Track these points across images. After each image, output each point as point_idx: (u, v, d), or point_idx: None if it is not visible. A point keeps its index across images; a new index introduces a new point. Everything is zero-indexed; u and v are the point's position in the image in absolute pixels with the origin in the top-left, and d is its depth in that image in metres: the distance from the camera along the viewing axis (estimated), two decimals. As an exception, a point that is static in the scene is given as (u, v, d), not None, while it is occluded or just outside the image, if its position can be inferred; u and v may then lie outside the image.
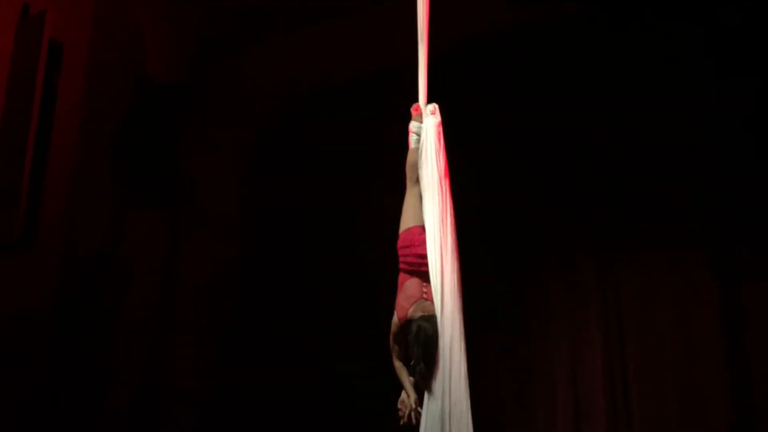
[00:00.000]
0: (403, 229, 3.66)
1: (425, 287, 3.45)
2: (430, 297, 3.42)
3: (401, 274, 3.59)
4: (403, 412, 3.40)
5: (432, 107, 3.77)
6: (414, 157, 3.73)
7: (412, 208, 3.67)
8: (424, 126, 3.74)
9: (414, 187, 3.69)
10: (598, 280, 6.02)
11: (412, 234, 3.59)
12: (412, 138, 3.79)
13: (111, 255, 5.89)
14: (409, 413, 3.37)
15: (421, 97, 3.80)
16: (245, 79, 7.14)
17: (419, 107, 3.80)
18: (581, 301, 6.04)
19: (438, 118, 3.74)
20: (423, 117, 3.76)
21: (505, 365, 6.01)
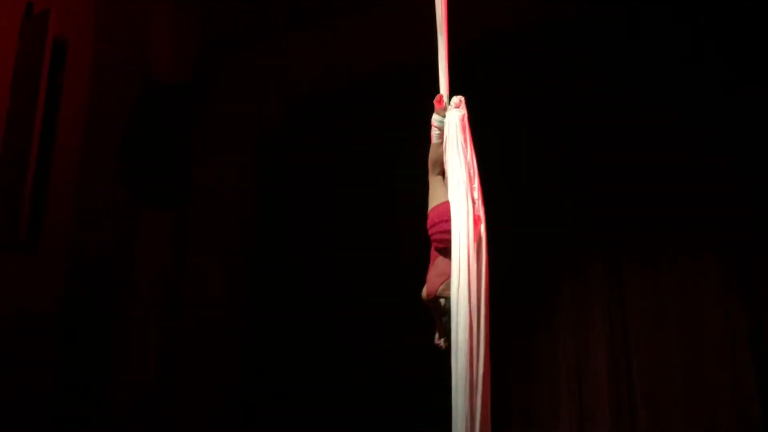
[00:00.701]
0: (431, 207, 3.57)
1: None
2: None
3: (433, 251, 3.53)
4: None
5: (457, 99, 3.57)
6: (435, 154, 3.59)
7: (440, 188, 3.56)
8: (447, 120, 3.53)
9: (437, 175, 3.59)
10: (605, 279, 5.98)
11: (441, 210, 3.48)
12: (434, 133, 3.61)
13: (117, 255, 5.87)
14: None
15: (442, 88, 3.59)
16: (253, 78, 7.12)
17: (442, 99, 3.59)
18: (587, 301, 6.00)
19: (462, 111, 3.53)
20: (446, 110, 3.55)
21: (508, 363, 5.98)
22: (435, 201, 3.58)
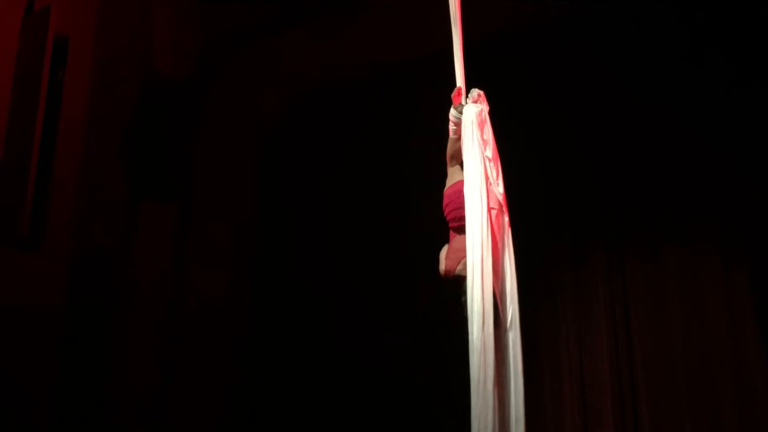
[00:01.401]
0: (447, 186, 3.54)
1: None
2: None
3: (451, 231, 3.51)
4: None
5: (476, 94, 3.47)
6: (453, 149, 3.53)
7: (457, 174, 3.51)
8: (464, 115, 3.42)
9: (455, 166, 3.56)
10: (607, 276, 5.97)
11: (455, 189, 3.45)
12: (451, 128, 3.52)
13: (118, 252, 5.87)
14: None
15: (459, 82, 3.49)
16: (254, 74, 7.11)
17: (461, 93, 3.47)
18: (590, 297, 5.99)
19: (481, 106, 3.43)
20: (464, 104, 3.45)
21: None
22: (452, 179, 3.56)
